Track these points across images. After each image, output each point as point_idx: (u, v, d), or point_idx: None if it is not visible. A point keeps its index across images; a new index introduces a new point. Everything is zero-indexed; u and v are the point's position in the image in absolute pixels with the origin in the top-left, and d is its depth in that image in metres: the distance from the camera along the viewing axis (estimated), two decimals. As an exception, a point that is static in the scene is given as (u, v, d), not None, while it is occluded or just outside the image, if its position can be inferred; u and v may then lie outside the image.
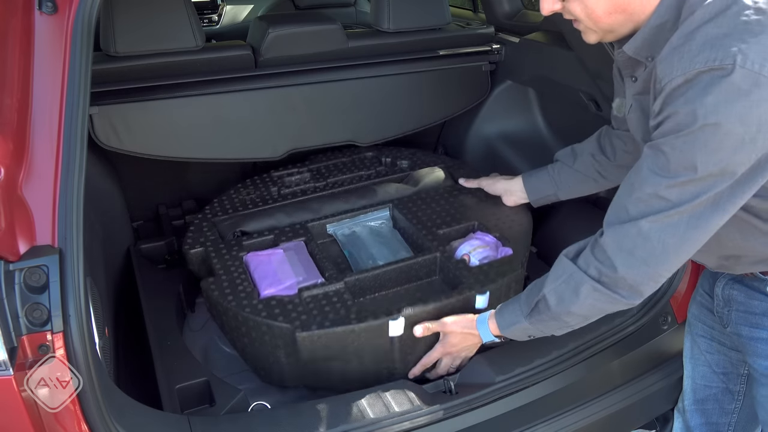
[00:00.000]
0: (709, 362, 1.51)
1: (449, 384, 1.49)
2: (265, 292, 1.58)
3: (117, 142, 1.93)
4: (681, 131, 0.99)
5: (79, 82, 1.14)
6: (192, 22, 1.92)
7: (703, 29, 0.98)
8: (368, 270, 1.65)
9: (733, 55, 0.93)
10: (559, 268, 1.25)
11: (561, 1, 1.13)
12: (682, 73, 0.97)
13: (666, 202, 1.05)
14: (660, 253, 1.09)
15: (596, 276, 1.17)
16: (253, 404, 1.49)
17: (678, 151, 1.00)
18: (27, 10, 1.16)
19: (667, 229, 1.06)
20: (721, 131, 0.95)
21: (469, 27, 2.50)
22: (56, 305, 1.07)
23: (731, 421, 1.54)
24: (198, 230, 1.83)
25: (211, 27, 4.38)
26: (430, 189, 2.01)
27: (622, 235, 1.12)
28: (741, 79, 0.93)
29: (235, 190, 2.04)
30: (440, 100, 2.39)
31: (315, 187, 2.05)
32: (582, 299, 1.19)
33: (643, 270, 1.11)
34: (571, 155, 1.72)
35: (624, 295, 1.16)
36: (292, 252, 1.73)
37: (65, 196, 1.11)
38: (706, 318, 1.47)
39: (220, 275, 1.63)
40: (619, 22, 1.11)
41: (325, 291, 1.57)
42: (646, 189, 1.07)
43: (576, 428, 1.49)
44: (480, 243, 1.73)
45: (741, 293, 1.31)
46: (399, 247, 1.84)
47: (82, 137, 1.14)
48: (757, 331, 1.28)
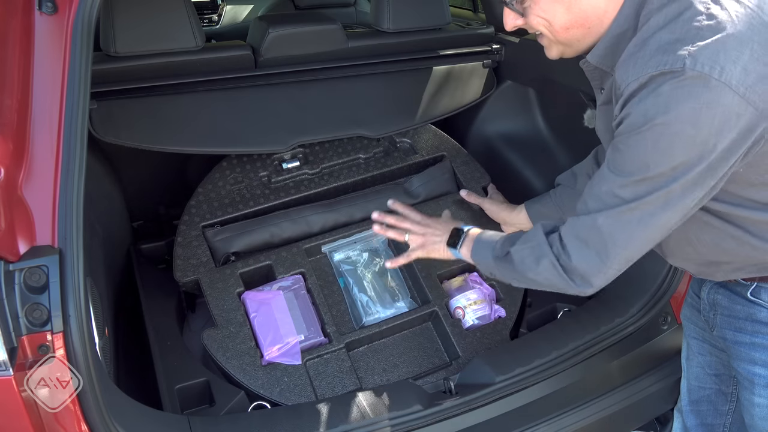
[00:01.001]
0: (701, 364, 1.52)
1: (449, 384, 1.50)
2: (268, 354, 1.60)
3: (115, 135, 1.91)
4: (633, 131, 1.01)
5: (79, 82, 1.14)
6: (192, 22, 1.92)
7: (657, 35, 1.01)
8: (368, 327, 1.69)
9: (683, 58, 0.95)
10: (531, 234, 1.29)
11: (522, 18, 1.17)
12: (636, 77, 1.00)
13: (619, 199, 1.08)
14: (610, 248, 1.12)
15: (556, 255, 1.21)
16: (253, 404, 1.49)
17: (632, 149, 1.03)
18: (27, 10, 1.16)
19: (618, 225, 1.09)
20: (670, 131, 0.97)
21: (469, 27, 2.50)
22: (56, 305, 1.07)
23: (726, 423, 1.54)
24: (187, 246, 1.80)
25: (211, 27, 4.38)
26: (429, 202, 2.00)
27: (579, 225, 1.16)
28: (691, 81, 0.94)
29: (221, 175, 1.96)
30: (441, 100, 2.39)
31: (309, 179, 1.99)
32: (540, 270, 1.23)
33: (594, 262, 1.15)
34: (571, 177, 1.73)
35: (576, 282, 1.19)
36: (291, 294, 1.72)
37: (65, 197, 1.11)
38: (697, 320, 1.48)
39: (220, 326, 1.63)
40: (577, 37, 1.14)
41: (327, 357, 1.61)
42: (602, 186, 1.11)
43: (576, 428, 1.49)
44: (477, 297, 1.76)
45: (725, 298, 1.31)
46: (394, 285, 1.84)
47: (82, 137, 1.14)
48: (740, 335, 1.28)
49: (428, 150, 2.16)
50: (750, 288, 1.24)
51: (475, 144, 2.51)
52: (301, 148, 2.05)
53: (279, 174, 1.99)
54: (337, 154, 2.06)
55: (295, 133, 2.07)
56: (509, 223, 1.87)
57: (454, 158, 2.15)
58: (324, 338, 1.65)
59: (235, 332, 1.62)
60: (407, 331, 1.72)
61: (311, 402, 1.42)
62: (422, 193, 2.02)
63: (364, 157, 2.08)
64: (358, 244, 1.89)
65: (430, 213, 1.89)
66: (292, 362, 1.58)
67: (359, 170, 2.04)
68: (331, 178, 2.01)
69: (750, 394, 1.30)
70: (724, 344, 1.35)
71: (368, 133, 2.15)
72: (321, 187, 1.98)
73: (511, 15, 1.18)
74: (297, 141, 2.04)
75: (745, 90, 0.94)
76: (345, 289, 1.82)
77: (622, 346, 1.63)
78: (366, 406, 1.39)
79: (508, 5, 1.17)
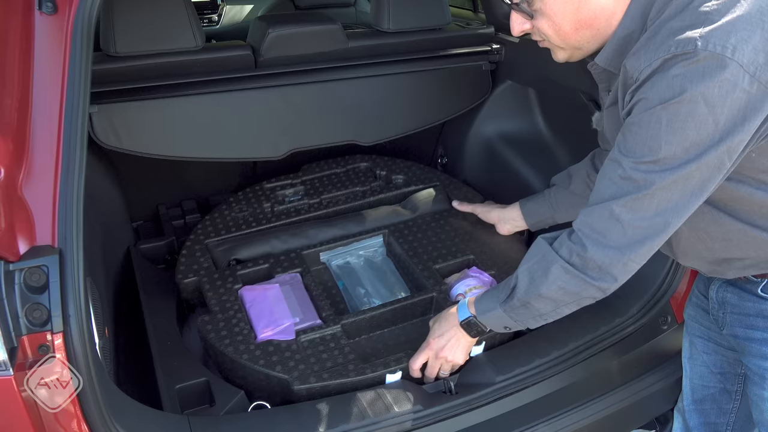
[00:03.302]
0: (706, 362, 1.52)
1: (449, 384, 1.49)
2: (261, 335, 1.58)
3: (116, 141, 1.92)
4: (646, 111, 1.01)
5: (79, 82, 1.14)
6: (192, 23, 1.92)
7: (668, 24, 1.02)
8: (364, 311, 1.67)
9: (694, 40, 0.96)
10: (534, 249, 1.26)
11: (529, 21, 1.16)
12: (649, 63, 1.00)
13: (634, 183, 1.06)
14: (630, 237, 1.09)
15: (567, 256, 1.18)
16: (253, 404, 1.49)
17: (644, 130, 1.03)
18: (27, 10, 1.16)
19: (637, 213, 1.07)
20: (684, 110, 0.97)
21: (469, 27, 2.50)
22: (56, 305, 1.07)
23: (729, 421, 1.54)
24: (191, 256, 1.84)
25: (211, 27, 4.38)
26: (425, 215, 2.04)
27: (595, 216, 1.13)
28: (704, 62, 0.95)
29: (227, 205, 2.06)
30: (441, 100, 2.39)
31: (309, 205, 2.08)
32: (551, 280, 1.20)
33: (612, 253, 1.12)
34: (566, 178, 1.74)
35: (593, 276, 1.15)
36: (287, 287, 1.72)
37: (65, 196, 1.11)
38: (703, 319, 1.48)
39: (216, 313, 1.64)
40: (587, 38, 1.14)
41: (322, 335, 1.58)
42: (617, 171, 1.09)
43: (576, 428, 1.49)
44: (476, 283, 1.74)
45: (734, 296, 1.31)
46: (393, 281, 1.85)
47: (82, 137, 1.14)
48: (752, 331, 1.29)
49: (422, 182, 2.22)
50: (761, 284, 1.24)
51: (474, 144, 2.51)
52: (302, 186, 2.15)
53: (281, 204, 2.08)
54: (336, 187, 2.16)
55: (291, 138, 2.15)
56: (503, 220, 1.89)
57: (447, 186, 2.21)
58: (320, 321, 1.63)
59: (230, 317, 1.62)
60: (407, 323, 1.70)
61: (311, 402, 1.42)
62: (418, 209, 2.07)
63: (361, 190, 2.16)
64: (356, 252, 1.93)
65: (425, 229, 1.96)
66: (285, 338, 1.56)
67: (356, 198, 2.13)
68: (330, 204, 2.10)
69: (760, 389, 1.30)
70: (735, 341, 1.35)
71: (363, 141, 2.22)
72: (320, 211, 2.06)
73: (519, 19, 1.17)
74: (291, 148, 2.14)
75: (755, 69, 0.95)
76: (344, 288, 1.83)
77: (622, 346, 1.63)
78: (366, 406, 1.39)
79: (516, 8, 1.16)
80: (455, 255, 1.86)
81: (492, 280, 1.77)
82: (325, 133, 2.23)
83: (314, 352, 1.54)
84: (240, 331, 1.58)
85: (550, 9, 1.11)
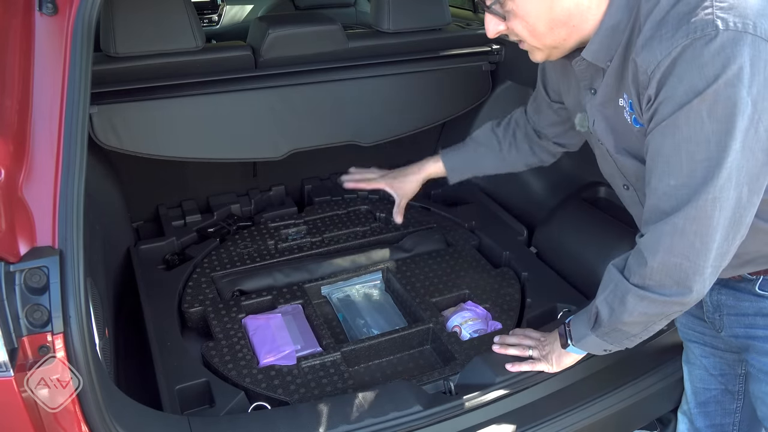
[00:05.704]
0: (705, 366, 1.52)
1: (449, 384, 1.50)
2: (264, 360, 1.62)
3: (116, 142, 1.93)
4: (682, 108, 0.97)
5: (80, 83, 1.14)
6: (192, 23, 1.92)
7: (673, 11, 0.99)
8: (363, 340, 1.70)
9: (712, 21, 0.93)
10: (607, 278, 1.22)
11: (503, 22, 1.13)
12: (668, 52, 0.97)
13: (689, 189, 1.01)
14: (700, 247, 1.04)
15: (640, 283, 1.13)
16: (253, 405, 1.49)
17: (685, 129, 0.98)
18: (27, 11, 1.15)
19: (700, 221, 1.02)
20: (724, 95, 0.94)
21: (469, 27, 2.50)
22: (56, 306, 1.07)
23: (735, 421, 1.54)
24: (197, 287, 1.88)
25: (211, 27, 4.38)
26: (422, 254, 2.07)
27: (658, 234, 1.07)
28: (729, 42, 0.93)
29: (233, 242, 2.11)
30: (441, 101, 2.39)
31: (311, 243, 2.13)
32: (630, 309, 1.15)
33: (685, 266, 1.06)
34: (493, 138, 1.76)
35: (671, 293, 1.10)
36: (290, 317, 1.77)
37: (65, 197, 1.11)
38: (695, 325, 1.47)
39: (220, 339, 1.67)
40: (563, 36, 1.11)
41: (323, 361, 1.61)
42: (670, 181, 1.03)
43: (576, 429, 1.49)
44: (471, 315, 1.77)
45: (729, 297, 1.30)
46: (392, 314, 1.89)
47: (82, 138, 1.14)
48: (753, 330, 1.28)
49: (419, 224, 2.24)
50: (757, 282, 1.23)
51: (474, 144, 2.51)
52: (305, 225, 2.20)
53: (285, 242, 2.13)
54: (338, 227, 2.21)
55: (291, 138, 2.17)
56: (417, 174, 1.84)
57: (443, 227, 2.24)
58: (320, 348, 1.67)
59: (233, 344, 1.67)
60: (404, 353, 1.73)
61: (311, 402, 1.42)
62: (414, 249, 2.11)
63: (362, 230, 2.21)
64: (356, 286, 1.97)
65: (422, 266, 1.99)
66: (286, 363, 1.60)
67: (356, 237, 2.18)
68: (331, 242, 2.13)
69: (765, 385, 1.30)
70: (736, 342, 1.34)
71: (363, 141, 2.25)
72: (322, 248, 2.11)
73: (493, 20, 1.14)
74: (291, 148, 2.17)
75: None
76: (344, 320, 1.87)
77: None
78: (366, 406, 1.39)
79: (489, 9, 1.13)
80: (451, 289, 1.91)
81: (487, 313, 1.81)
82: (325, 133, 2.23)
83: (314, 377, 1.57)
84: (243, 357, 1.62)
85: (523, 9, 1.08)
